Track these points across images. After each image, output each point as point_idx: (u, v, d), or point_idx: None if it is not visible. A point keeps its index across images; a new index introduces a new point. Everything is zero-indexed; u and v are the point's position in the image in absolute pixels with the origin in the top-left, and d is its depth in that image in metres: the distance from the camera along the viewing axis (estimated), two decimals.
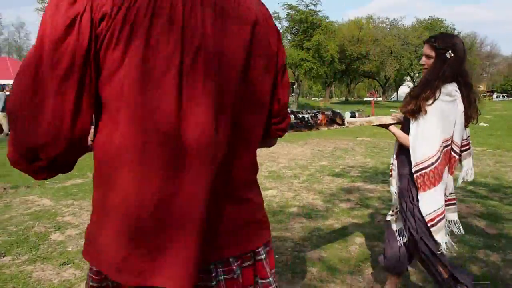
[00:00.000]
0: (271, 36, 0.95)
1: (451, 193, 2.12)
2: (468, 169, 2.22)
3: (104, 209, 0.82)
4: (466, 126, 2.06)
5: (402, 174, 2.16)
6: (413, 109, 1.99)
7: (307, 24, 32.35)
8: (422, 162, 1.96)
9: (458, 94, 1.97)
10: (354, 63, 41.40)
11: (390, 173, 2.33)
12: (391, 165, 2.32)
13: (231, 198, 0.90)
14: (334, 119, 2.09)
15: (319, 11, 33.43)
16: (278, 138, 1.16)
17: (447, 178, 2.06)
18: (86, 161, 6.56)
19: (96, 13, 0.73)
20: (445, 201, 2.05)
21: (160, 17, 0.76)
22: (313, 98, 66.09)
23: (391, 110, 11.76)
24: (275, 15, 33.28)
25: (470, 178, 2.23)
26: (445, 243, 2.03)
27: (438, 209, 1.97)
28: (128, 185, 0.78)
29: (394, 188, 2.27)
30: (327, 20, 33.79)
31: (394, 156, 2.27)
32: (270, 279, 0.97)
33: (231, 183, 0.90)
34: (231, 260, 0.89)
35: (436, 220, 1.97)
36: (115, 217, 0.80)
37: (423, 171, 1.96)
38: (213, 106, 0.82)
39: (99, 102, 0.79)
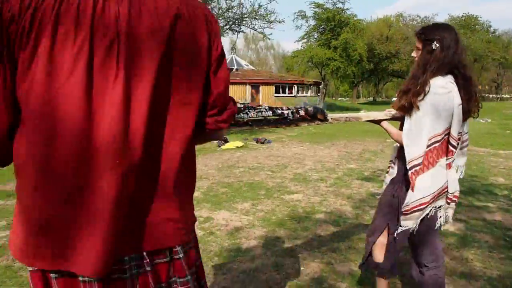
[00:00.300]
0: (200, 30, 0.95)
1: (456, 191, 2.03)
2: (459, 167, 2.13)
3: (20, 202, 0.88)
4: (464, 119, 1.97)
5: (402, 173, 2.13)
6: (403, 105, 1.96)
7: (334, 23, 31.81)
8: (417, 159, 1.93)
9: (453, 86, 1.91)
10: (382, 62, 40.48)
11: (387, 171, 2.28)
12: (390, 162, 2.27)
13: (151, 194, 0.91)
14: (315, 115, 2.05)
15: (347, 9, 32.81)
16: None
17: (446, 172, 2.00)
18: None
19: (5, 14, 0.76)
20: (449, 198, 2.01)
21: (68, 15, 0.78)
22: (339, 98, 65.16)
23: None
24: (302, 13, 32.90)
25: (460, 176, 2.15)
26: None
27: (419, 199, 1.95)
28: (35, 189, 0.83)
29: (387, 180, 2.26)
30: (355, 18, 33.13)
31: (395, 155, 2.22)
32: (188, 277, 0.99)
33: (152, 179, 0.91)
34: (144, 255, 0.93)
35: (411, 210, 1.97)
36: (26, 210, 0.86)
37: (418, 167, 1.94)
38: (125, 103, 0.83)
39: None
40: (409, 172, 1.95)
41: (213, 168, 7.09)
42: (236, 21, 10.28)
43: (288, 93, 31.56)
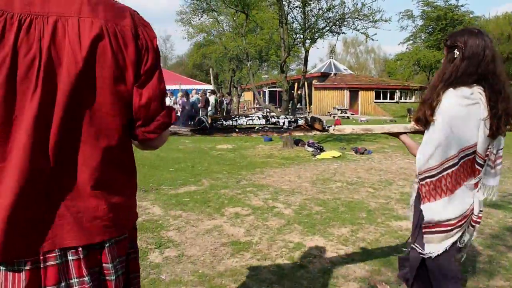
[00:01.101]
0: (127, 46, 1.05)
1: (480, 212, 1.87)
2: (486, 187, 1.90)
3: None
4: (490, 136, 1.76)
5: None
6: (419, 117, 1.87)
7: (446, 21, 28.92)
8: (428, 171, 1.81)
9: (481, 97, 1.75)
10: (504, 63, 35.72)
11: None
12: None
13: (66, 194, 1.03)
14: (312, 125, 1.99)
15: (461, 6, 29.60)
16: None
17: (471, 192, 1.84)
18: (204, 166, 5.92)
19: None
20: (473, 220, 1.85)
21: None
22: None
23: None
24: (408, 13, 30.50)
25: (493, 198, 1.93)
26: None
27: (442, 221, 1.81)
28: None
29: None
30: (471, 16, 29.77)
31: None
32: (86, 278, 1.05)
33: (66, 182, 1.03)
34: (56, 251, 1.03)
35: (434, 229, 1.83)
36: None
37: (428, 180, 1.82)
38: (41, 113, 0.97)
39: None
40: (420, 184, 1.84)
41: (307, 180, 6.53)
42: (337, 22, 9.57)
43: (390, 99, 29.55)
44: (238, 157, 9.16)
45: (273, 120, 1.99)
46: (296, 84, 15.66)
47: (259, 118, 1.98)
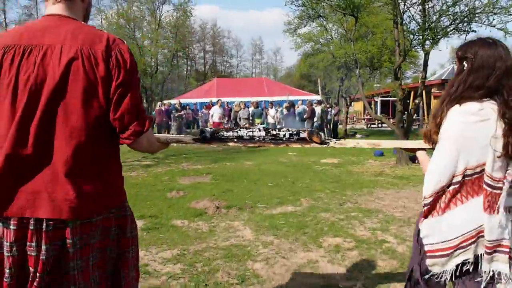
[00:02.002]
0: (97, 65, 1.37)
1: (503, 240, 1.60)
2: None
3: None
4: (505, 155, 1.56)
5: None
6: (425, 132, 1.79)
7: None
8: (432, 196, 1.68)
9: (492, 114, 1.59)
10: None
11: None
12: None
13: (44, 178, 1.36)
14: (310, 138, 1.98)
15: None
16: None
17: (480, 214, 1.62)
18: (305, 183, 5.22)
19: None
20: (487, 247, 1.60)
21: (5, 61, 1.38)
22: None
23: None
24: None
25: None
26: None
27: (439, 243, 1.68)
28: None
29: None
30: None
31: None
32: (46, 246, 1.35)
33: (46, 165, 1.36)
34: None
35: (436, 253, 1.68)
36: None
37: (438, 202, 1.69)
38: (23, 116, 1.34)
39: None
40: (424, 209, 1.71)
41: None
42: (465, 18, 8.15)
43: None
44: (343, 174, 8.32)
45: (274, 132, 2.02)
46: (412, 93, 14.14)
47: (259, 130, 2.03)
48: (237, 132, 2.03)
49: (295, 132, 2.01)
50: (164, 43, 23.50)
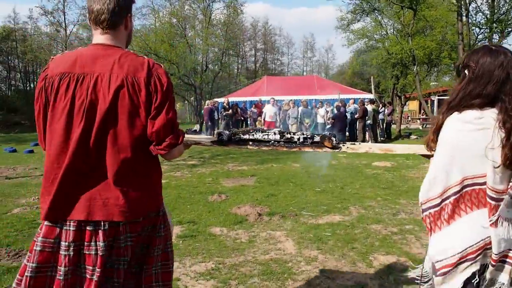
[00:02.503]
0: (140, 91, 1.60)
1: (510, 250, 1.59)
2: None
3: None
4: (504, 166, 1.51)
5: None
6: (425, 140, 1.79)
7: None
8: (430, 201, 1.66)
9: (491, 123, 1.55)
10: None
11: None
12: None
13: (97, 182, 1.62)
14: (322, 143, 2.02)
15: None
16: None
17: (483, 227, 1.58)
18: (355, 188, 4.97)
19: (41, 82, 1.67)
20: (493, 260, 1.58)
21: (62, 86, 1.61)
22: None
23: None
24: None
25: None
26: None
27: (448, 258, 1.62)
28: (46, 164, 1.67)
29: None
30: None
31: None
32: (103, 243, 1.60)
33: (99, 176, 1.61)
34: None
35: (445, 270, 1.62)
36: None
37: (432, 210, 1.66)
38: (84, 135, 1.58)
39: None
40: (423, 215, 1.69)
41: None
42: None
43: None
44: (397, 179, 7.70)
45: (288, 136, 2.07)
46: None
47: (274, 134, 2.08)
48: (253, 135, 2.12)
49: (309, 136, 2.07)
50: (214, 41, 23.61)
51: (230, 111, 16.03)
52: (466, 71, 1.67)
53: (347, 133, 14.58)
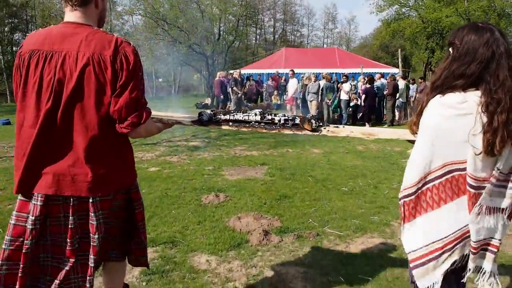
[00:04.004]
0: (106, 69, 1.62)
1: (491, 239, 1.56)
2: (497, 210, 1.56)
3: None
4: (485, 153, 1.45)
5: None
6: (409, 123, 1.77)
7: None
8: (407, 188, 1.60)
9: (474, 107, 1.47)
10: None
11: None
12: None
13: (67, 160, 1.65)
14: (302, 125, 1.98)
15: None
16: None
17: (462, 214, 1.53)
18: (394, 185, 3.35)
19: (16, 60, 1.70)
20: (473, 248, 1.54)
21: (31, 64, 1.64)
22: None
23: None
24: None
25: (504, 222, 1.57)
26: None
27: (422, 248, 1.58)
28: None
29: None
30: None
31: None
32: (73, 217, 1.68)
33: (69, 152, 1.65)
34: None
35: (420, 261, 1.58)
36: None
37: (407, 198, 1.60)
38: (48, 112, 1.62)
39: None
40: (400, 202, 1.62)
41: None
42: None
43: None
44: None
45: (269, 117, 2.07)
46: None
47: (255, 115, 2.08)
48: (233, 116, 2.10)
49: (290, 118, 2.04)
50: (228, 7, 21.61)
51: (236, 87, 14.35)
52: (450, 49, 1.58)
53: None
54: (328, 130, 1.96)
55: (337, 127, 2.04)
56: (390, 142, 8.84)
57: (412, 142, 1.74)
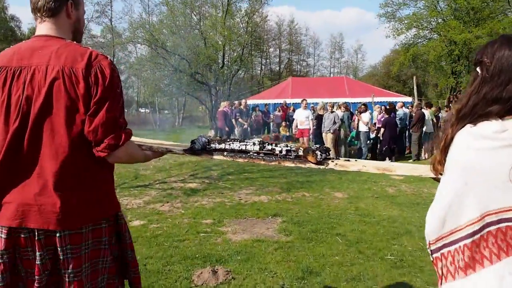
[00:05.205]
0: (77, 83, 1.45)
1: None
2: None
3: None
4: None
5: None
6: (431, 161, 1.40)
7: None
8: (441, 239, 1.23)
9: None
10: None
11: None
12: None
13: (35, 190, 1.46)
14: (305, 157, 1.79)
15: None
16: None
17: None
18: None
19: None
20: None
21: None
22: None
23: None
24: None
25: None
26: None
27: None
28: None
29: None
30: None
31: None
32: (40, 252, 1.46)
33: (36, 179, 1.46)
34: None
35: None
36: None
37: (445, 250, 1.23)
38: (15, 132, 1.46)
39: None
40: (433, 256, 1.27)
41: None
42: None
43: None
44: None
45: (269, 147, 1.91)
46: None
47: (253, 144, 1.93)
48: (229, 144, 1.95)
49: (293, 148, 1.87)
50: (232, 32, 20.64)
51: (241, 119, 13.14)
52: (478, 69, 1.29)
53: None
54: (336, 164, 1.74)
55: (348, 160, 1.81)
56: (425, 182, 7.46)
57: (438, 180, 1.37)
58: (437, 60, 16.50)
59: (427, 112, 11.35)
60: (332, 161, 1.74)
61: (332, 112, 10.42)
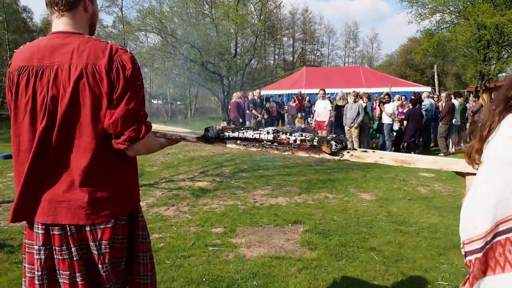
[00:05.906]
0: (101, 80, 1.45)
1: None
2: None
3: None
4: None
5: None
6: (468, 152, 1.34)
7: None
8: (473, 242, 1.22)
9: None
10: None
11: None
12: None
13: (62, 185, 1.50)
14: (320, 147, 1.72)
15: None
16: None
17: None
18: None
19: (6, 80, 1.58)
20: None
21: (22, 80, 1.49)
22: None
23: None
24: None
25: None
26: None
27: None
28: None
29: None
30: None
31: None
32: (75, 247, 1.50)
33: (65, 176, 1.49)
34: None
35: None
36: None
37: (475, 255, 1.21)
38: (44, 130, 1.48)
39: None
40: (466, 260, 1.25)
41: None
42: None
43: None
44: None
45: (283, 136, 1.82)
46: None
47: (267, 133, 1.86)
48: (243, 133, 1.89)
49: (308, 138, 1.77)
50: (244, 20, 19.77)
51: (255, 110, 12.41)
52: None
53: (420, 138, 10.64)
54: (352, 155, 1.66)
55: (366, 151, 1.71)
56: (459, 181, 6.62)
57: (462, 174, 1.39)
58: (466, 46, 15.32)
59: (456, 103, 10.45)
60: (348, 152, 1.68)
61: (355, 101, 9.57)
